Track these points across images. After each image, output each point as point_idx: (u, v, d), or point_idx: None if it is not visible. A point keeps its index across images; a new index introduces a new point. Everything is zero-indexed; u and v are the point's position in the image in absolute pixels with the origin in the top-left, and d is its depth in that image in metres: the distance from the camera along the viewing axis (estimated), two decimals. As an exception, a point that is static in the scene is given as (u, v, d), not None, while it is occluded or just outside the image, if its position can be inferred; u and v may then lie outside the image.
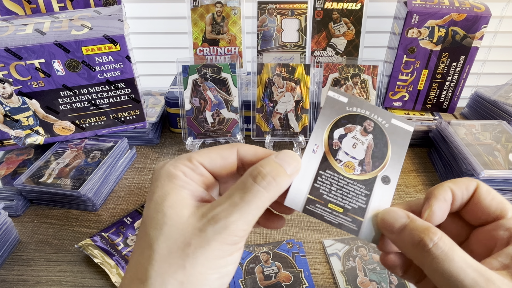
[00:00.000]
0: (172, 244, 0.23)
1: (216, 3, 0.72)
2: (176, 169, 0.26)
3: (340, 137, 0.31)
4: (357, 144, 0.31)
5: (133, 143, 0.76)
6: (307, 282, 0.48)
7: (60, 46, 0.60)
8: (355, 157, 0.30)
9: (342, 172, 0.30)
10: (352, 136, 0.31)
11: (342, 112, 0.31)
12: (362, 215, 0.29)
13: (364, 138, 0.31)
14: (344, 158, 0.30)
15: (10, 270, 0.50)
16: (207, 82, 0.69)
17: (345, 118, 0.31)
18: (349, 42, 0.76)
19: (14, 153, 0.70)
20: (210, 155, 0.27)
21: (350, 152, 0.30)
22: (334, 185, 0.29)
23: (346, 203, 0.29)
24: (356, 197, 0.29)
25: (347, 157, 0.30)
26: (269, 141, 0.72)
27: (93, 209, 0.60)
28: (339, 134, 0.31)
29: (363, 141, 0.31)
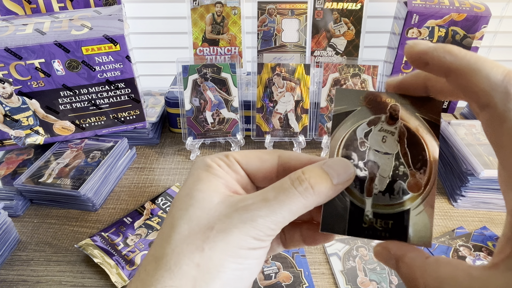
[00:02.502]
0: (195, 225, 0.22)
1: (216, 3, 0.72)
2: (212, 161, 0.25)
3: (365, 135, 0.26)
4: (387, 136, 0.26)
5: (133, 143, 0.76)
6: (307, 282, 0.48)
7: (60, 46, 0.60)
8: (388, 152, 0.26)
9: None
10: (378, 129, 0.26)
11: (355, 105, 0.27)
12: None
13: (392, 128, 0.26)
14: (375, 158, 0.26)
15: (10, 270, 0.50)
16: (207, 82, 0.69)
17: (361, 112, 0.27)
18: (349, 42, 0.76)
19: (14, 153, 0.69)
20: (248, 155, 0.26)
21: (380, 148, 0.26)
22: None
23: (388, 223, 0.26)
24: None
25: (378, 155, 0.26)
26: (269, 141, 0.72)
27: (93, 209, 0.60)
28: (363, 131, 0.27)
29: (392, 131, 0.26)
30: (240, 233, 0.22)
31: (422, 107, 0.26)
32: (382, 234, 0.25)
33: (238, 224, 0.22)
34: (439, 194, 0.64)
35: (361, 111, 0.27)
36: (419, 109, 0.26)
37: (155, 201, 0.61)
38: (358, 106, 0.27)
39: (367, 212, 0.26)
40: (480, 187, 0.59)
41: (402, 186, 0.26)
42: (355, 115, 0.27)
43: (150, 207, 0.60)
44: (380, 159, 0.26)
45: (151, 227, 0.56)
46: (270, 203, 0.22)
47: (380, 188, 0.26)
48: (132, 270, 0.49)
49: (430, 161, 0.26)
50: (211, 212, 0.23)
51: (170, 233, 0.22)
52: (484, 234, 0.55)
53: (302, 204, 0.23)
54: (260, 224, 0.22)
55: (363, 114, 0.27)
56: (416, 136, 0.26)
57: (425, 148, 0.26)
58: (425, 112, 0.26)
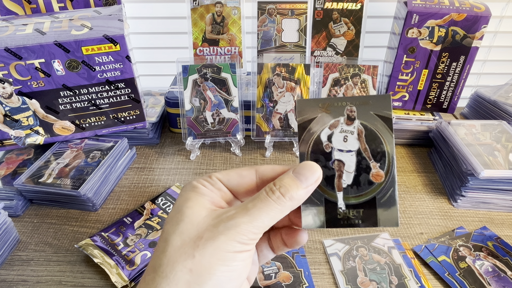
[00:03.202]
0: (186, 237, 0.25)
1: (216, 3, 0.72)
2: (197, 182, 0.29)
3: (328, 138, 0.30)
4: (347, 136, 0.30)
5: (133, 143, 0.76)
6: (307, 282, 0.48)
7: (60, 46, 0.60)
8: (350, 149, 0.29)
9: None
10: (339, 131, 0.30)
11: (316, 112, 0.30)
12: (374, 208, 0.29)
13: (351, 127, 0.30)
14: (340, 156, 0.29)
15: (10, 270, 0.50)
16: (207, 82, 0.69)
17: (322, 118, 0.30)
18: (349, 42, 0.76)
19: (14, 153, 0.70)
20: (229, 173, 0.30)
21: (343, 147, 0.30)
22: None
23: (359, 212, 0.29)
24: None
25: (342, 153, 0.29)
26: (269, 141, 0.72)
27: (93, 209, 0.60)
28: (326, 135, 0.30)
29: (352, 130, 0.30)
30: (226, 238, 0.25)
31: (374, 105, 0.30)
32: (356, 221, 0.29)
33: (224, 231, 0.25)
34: (439, 194, 0.64)
35: (321, 117, 0.30)
36: (372, 107, 0.30)
37: (155, 201, 0.61)
38: (319, 113, 0.30)
39: (340, 205, 0.29)
40: (480, 187, 0.59)
41: (367, 178, 0.29)
42: (317, 121, 0.30)
43: (150, 207, 0.60)
44: (344, 157, 0.30)
45: (151, 227, 0.56)
46: (250, 211, 0.26)
47: (348, 182, 0.29)
48: (132, 270, 0.49)
49: (388, 152, 0.29)
50: (199, 224, 0.26)
51: (165, 246, 0.26)
52: (484, 234, 0.55)
53: (278, 209, 0.26)
54: (243, 229, 0.25)
55: (324, 120, 0.30)
56: (373, 132, 0.29)
57: (382, 141, 0.29)
58: (378, 109, 0.29)
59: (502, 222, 0.59)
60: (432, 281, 0.49)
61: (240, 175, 0.30)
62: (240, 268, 0.26)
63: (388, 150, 0.29)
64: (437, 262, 0.51)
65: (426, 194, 0.64)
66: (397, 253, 0.52)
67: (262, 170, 0.30)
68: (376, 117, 0.29)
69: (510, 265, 0.50)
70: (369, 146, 0.29)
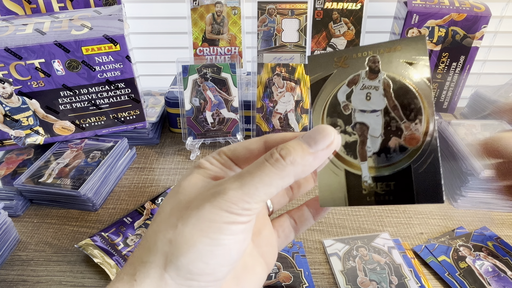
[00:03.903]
0: (175, 206, 0.24)
1: (216, 3, 0.72)
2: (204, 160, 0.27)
3: (347, 97, 0.25)
4: (370, 93, 0.24)
5: (133, 143, 0.76)
6: (307, 282, 0.48)
7: (60, 46, 0.60)
8: (375, 109, 0.24)
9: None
10: (360, 88, 0.25)
11: (331, 68, 0.25)
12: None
13: (375, 82, 0.24)
14: (363, 118, 0.24)
15: (10, 270, 0.50)
16: (207, 82, 0.69)
17: (339, 74, 0.25)
18: (349, 42, 0.76)
19: (14, 153, 0.69)
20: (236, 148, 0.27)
21: (366, 106, 0.24)
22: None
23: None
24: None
25: (365, 114, 0.24)
26: (269, 141, 0.72)
27: (93, 209, 0.60)
28: (344, 93, 0.25)
29: (376, 85, 0.24)
30: (211, 207, 0.22)
31: (404, 51, 0.24)
32: (386, 197, 0.24)
33: (210, 198, 0.22)
34: (439, 194, 0.64)
35: (338, 73, 0.25)
36: (401, 54, 0.24)
37: (155, 201, 0.61)
38: (334, 69, 0.25)
39: (364, 177, 0.24)
40: (480, 187, 0.59)
41: (398, 142, 0.24)
42: (333, 79, 0.25)
43: (150, 207, 0.60)
44: (368, 119, 0.24)
45: (151, 227, 0.56)
46: (242, 176, 0.22)
47: (374, 150, 0.24)
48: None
49: (425, 108, 0.23)
50: (192, 193, 0.24)
51: (155, 217, 0.25)
52: (484, 234, 0.55)
53: (276, 175, 0.22)
54: (232, 197, 0.22)
55: (341, 76, 0.25)
56: (403, 85, 0.24)
57: (416, 95, 0.24)
58: (409, 55, 0.24)
59: (502, 222, 0.59)
60: (432, 281, 0.49)
61: (248, 149, 0.27)
62: (228, 244, 0.22)
63: (426, 106, 0.23)
64: (437, 262, 0.51)
65: (426, 194, 0.64)
66: (397, 253, 0.52)
67: (272, 140, 0.26)
68: (407, 66, 0.24)
69: (510, 265, 0.50)
70: (399, 103, 0.24)
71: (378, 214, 0.60)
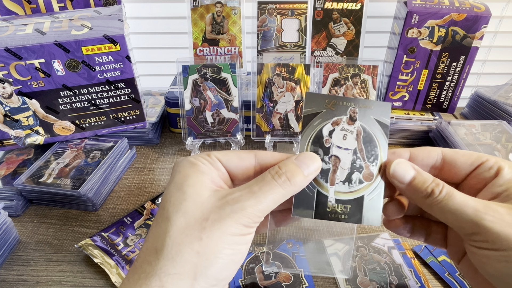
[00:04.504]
0: (190, 217, 0.25)
1: (216, 3, 0.72)
2: (196, 160, 0.28)
3: (329, 133, 0.31)
4: (347, 135, 0.31)
5: (133, 143, 0.76)
6: (307, 282, 0.48)
7: (60, 46, 0.60)
8: (348, 148, 0.31)
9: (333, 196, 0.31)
10: (340, 129, 0.31)
11: (321, 107, 0.31)
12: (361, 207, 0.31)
13: (352, 127, 0.31)
14: (338, 153, 0.31)
15: (10, 270, 0.50)
16: (207, 82, 0.69)
17: (327, 113, 0.31)
18: (349, 42, 0.76)
19: (14, 153, 0.69)
20: (228, 154, 0.30)
21: (342, 144, 0.31)
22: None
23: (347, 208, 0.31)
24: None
25: (340, 150, 0.31)
26: (269, 141, 0.72)
27: (93, 209, 0.60)
28: (328, 130, 0.31)
29: (352, 130, 0.31)
30: (232, 221, 0.25)
31: (375, 110, 0.31)
32: (342, 216, 0.30)
33: (230, 214, 0.25)
34: (439, 194, 0.64)
35: (326, 113, 0.31)
36: (373, 112, 0.31)
37: (155, 201, 0.61)
38: (324, 109, 0.31)
39: (330, 199, 0.30)
40: (480, 187, 0.59)
41: (358, 177, 0.31)
42: (321, 116, 0.31)
43: (150, 207, 0.60)
44: (341, 154, 0.31)
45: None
46: (256, 194, 0.26)
47: (341, 178, 0.31)
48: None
49: (381, 156, 0.31)
50: (203, 205, 0.25)
51: (167, 226, 0.25)
52: (484, 234, 0.55)
53: (282, 194, 0.27)
54: (249, 213, 0.25)
55: (328, 115, 0.31)
56: (370, 135, 0.31)
57: (377, 144, 0.31)
58: (377, 114, 0.31)
59: (502, 222, 0.59)
60: (432, 281, 0.49)
61: (239, 157, 0.30)
62: (244, 251, 0.26)
63: (381, 155, 0.31)
64: (437, 262, 0.51)
65: (426, 194, 0.64)
66: (397, 253, 0.52)
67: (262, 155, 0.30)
68: (375, 122, 0.31)
69: (510, 265, 0.50)
70: (365, 147, 0.31)
71: (378, 214, 0.60)
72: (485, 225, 0.25)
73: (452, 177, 0.31)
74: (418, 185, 0.29)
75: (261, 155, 0.30)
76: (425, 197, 0.28)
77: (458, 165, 0.31)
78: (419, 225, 0.34)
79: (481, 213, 0.26)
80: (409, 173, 0.29)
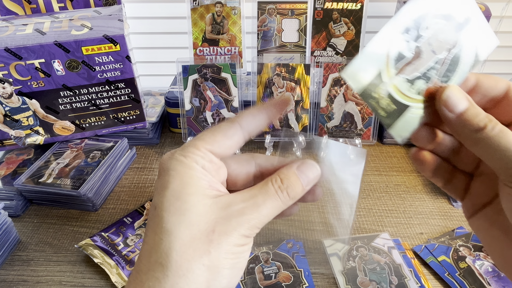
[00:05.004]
0: (195, 230, 0.24)
1: (216, 3, 0.72)
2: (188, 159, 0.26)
3: (434, 23, 0.27)
4: (444, 38, 0.27)
5: (133, 143, 0.76)
6: (307, 282, 0.48)
7: (60, 46, 0.60)
8: (435, 51, 0.27)
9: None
10: (445, 28, 0.27)
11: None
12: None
13: (454, 35, 0.28)
14: (425, 48, 0.27)
15: (10, 270, 0.50)
16: (207, 82, 0.69)
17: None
18: (349, 42, 0.76)
19: (14, 153, 0.70)
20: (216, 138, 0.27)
21: (434, 44, 0.27)
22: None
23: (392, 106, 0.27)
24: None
25: (428, 48, 0.27)
26: (269, 141, 0.72)
27: (93, 209, 0.60)
28: (435, 18, 0.27)
29: (452, 37, 0.27)
30: (238, 234, 0.25)
31: (481, 43, 0.28)
32: (379, 111, 0.27)
33: (237, 227, 0.25)
34: (439, 194, 0.64)
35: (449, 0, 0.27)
36: (479, 43, 0.28)
37: (155, 201, 0.61)
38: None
39: (385, 86, 0.26)
40: (480, 187, 0.59)
41: (421, 86, 0.27)
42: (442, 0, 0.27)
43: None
44: (426, 52, 0.27)
45: (151, 227, 0.56)
46: (260, 208, 0.26)
47: (408, 76, 0.27)
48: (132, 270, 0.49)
49: (453, 82, 0.28)
50: (207, 215, 0.25)
51: (171, 240, 0.24)
52: (484, 234, 0.55)
53: (281, 207, 0.27)
54: (253, 226, 0.25)
55: (447, 4, 0.27)
56: (460, 58, 0.28)
57: (457, 71, 0.28)
58: (481, 46, 0.28)
59: (502, 222, 0.59)
60: (432, 281, 0.49)
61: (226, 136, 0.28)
62: (246, 257, 0.26)
63: (454, 81, 0.28)
64: (437, 262, 0.51)
65: (426, 194, 0.64)
66: (397, 253, 0.52)
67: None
68: (473, 51, 0.28)
69: (510, 265, 0.50)
70: (448, 64, 0.28)
71: (378, 214, 0.60)
72: None
73: (506, 116, 0.29)
74: (470, 117, 0.26)
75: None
76: (475, 131, 0.26)
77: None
78: (444, 168, 0.32)
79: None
80: (462, 102, 0.27)
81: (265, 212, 0.26)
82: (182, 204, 0.24)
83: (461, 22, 0.27)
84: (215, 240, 0.24)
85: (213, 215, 0.25)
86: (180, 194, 0.25)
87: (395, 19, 0.26)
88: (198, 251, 0.23)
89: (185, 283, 0.23)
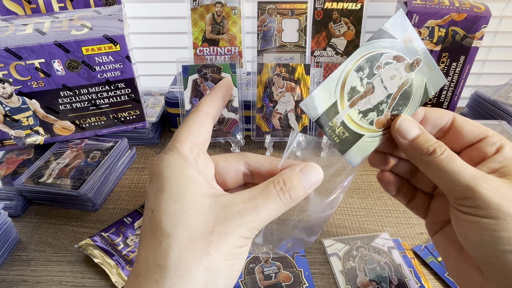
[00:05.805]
0: (194, 231, 0.24)
1: (216, 3, 0.72)
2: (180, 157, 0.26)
3: (386, 63, 0.30)
4: (396, 76, 0.30)
5: (133, 143, 0.76)
6: (307, 282, 0.48)
7: (60, 46, 0.60)
8: (387, 88, 0.30)
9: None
10: (396, 67, 0.30)
11: (400, 36, 0.29)
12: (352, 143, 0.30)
13: (405, 74, 0.30)
14: (377, 85, 0.30)
15: (10, 270, 0.50)
16: (207, 82, 0.69)
17: (398, 44, 0.30)
18: (349, 42, 0.76)
19: (14, 153, 0.70)
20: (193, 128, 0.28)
21: (386, 81, 0.30)
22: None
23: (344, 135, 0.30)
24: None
25: (380, 84, 0.30)
26: (269, 141, 0.72)
27: (93, 209, 0.60)
28: (387, 59, 0.29)
29: (402, 76, 0.30)
30: (237, 235, 0.24)
31: (432, 77, 0.31)
32: (335, 138, 0.30)
33: (236, 228, 0.24)
34: (439, 194, 0.64)
35: (399, 43, 0.30)
36: (429, 76, 0.31)
37: (155, 201, 0.61)
38: (401, 40, 0.30)
39: (339, 116, 0.29)
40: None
41: (373, 118, 0.30)
42: (393, 42, 0.30)
43: (150, 207, 0.60)
44: (378, 89, 0.30)
45: (151, 227, 0.56)
46: (260, 209, 0.25)
47: (360, 108, 0.30)
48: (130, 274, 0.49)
49: (400, 116, 0.31)
50: (206, 216, 0.24)
51: (169, 242, 0.23)
52: (484, 234, 0.55)
53: (282, 209, 0.27)
54: (252, 227, 0.25)
55: (398, 47, 0.30)
56: (410, 92, 0.31)
57: (409, 105, 0.31)
58: (430, 81, 0.31)
59: (502, 222, 0.59)
60: (432, 281, 0.49)
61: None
62: (244, 257, 0.26)
63: (402, 114, 0.31)
64: (437, 262, 0.51)
65: (426, 194, 0.64)
66: (397, 253, 0.52)
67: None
68: (423, 86, 0.31)
69: (510, 265, 0.50)
70: (398, 99, 0.30)
71: (378, 214, 0.60)
72: (479, 191, 0.26)
73: (455, 144, 0.32)
74: (421, 142, 0.29)
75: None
76: (425, 155, 0.29)
77: (464, 133, 0.31)
78: (406, 188, 0.36)
79: (478, 179, 0.27)
80: (413, 130, 0.30)
81: (265, 213, 0.26)
82: (180, 206, 0.24)
83: (411, 63, 0.30)
84: (214, 241, 0.24)
85: (212, 216, 0.24)
86: (178, 196, 0.25)
87: (351, 57, 0.29)
88: (197, 252, 0.23)
89: (183, 284, 0.23)
